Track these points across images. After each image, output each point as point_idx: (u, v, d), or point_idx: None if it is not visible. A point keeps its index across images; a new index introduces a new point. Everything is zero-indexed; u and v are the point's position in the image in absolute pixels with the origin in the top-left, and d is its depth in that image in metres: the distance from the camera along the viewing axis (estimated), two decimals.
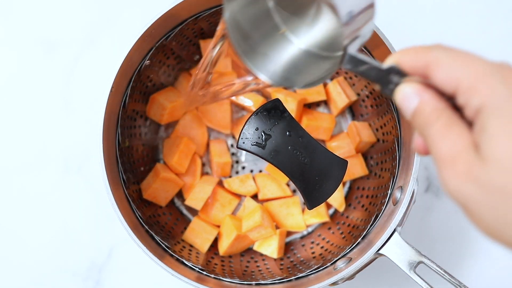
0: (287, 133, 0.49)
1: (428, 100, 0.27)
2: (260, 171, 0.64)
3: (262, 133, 0.49)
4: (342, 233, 0.60)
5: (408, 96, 0.28)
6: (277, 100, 0.50)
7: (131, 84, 0.55)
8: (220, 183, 0.64)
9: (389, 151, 0.58)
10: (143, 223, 0.54)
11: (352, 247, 0.54)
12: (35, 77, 0.65)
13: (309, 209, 0.50)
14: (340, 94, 0.62)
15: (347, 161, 0.50)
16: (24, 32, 0.64)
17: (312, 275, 0.54)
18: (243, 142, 0.49)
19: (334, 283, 0.50)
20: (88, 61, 0.66)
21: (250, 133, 0.49)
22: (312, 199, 0.50)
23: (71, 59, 0.65)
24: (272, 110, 0.50)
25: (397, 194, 0.52)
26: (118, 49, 0.62)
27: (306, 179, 0.49)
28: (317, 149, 0.49)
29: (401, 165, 0.53)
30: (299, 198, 0.63)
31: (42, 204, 0.63)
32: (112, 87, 0.51)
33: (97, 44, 0.66)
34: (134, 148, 0.60)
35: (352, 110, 0.65)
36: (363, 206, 0.61)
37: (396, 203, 0.52)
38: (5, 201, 0.63)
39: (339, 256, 0.55)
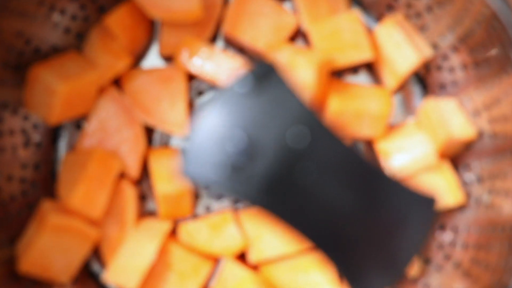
0: (300, 139, 0.30)
1: None
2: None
3: (242, 140, 0.29)
4: None
5: None
6: (269, 68, 0.30)
7: None
8: (174, 233, 0.43)
9: (508, 155, 0.40)
10: None
11: None
12: None
13: None
14: (401, 47, 0.43)
15: (434, 200, 0.32)
16: None
17: None
18: (194, 163, 0.28)
19: None
20: None
21: (210, 139, 0.28)
22: (364, 284, 0.30)
23: None
24: (262, 87, 0.30)
25: None
26: None
27: (349, 247, 0.30)
28: (369, 176, 0.30)
29: None
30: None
31: None
32: None
33: None
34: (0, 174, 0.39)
35: (423, 78, 0.45)
36: (458, 266, 0.40)
37: None
38: None
39: None
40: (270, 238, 0.41)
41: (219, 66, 0.42)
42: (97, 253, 0.42)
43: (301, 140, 0.29)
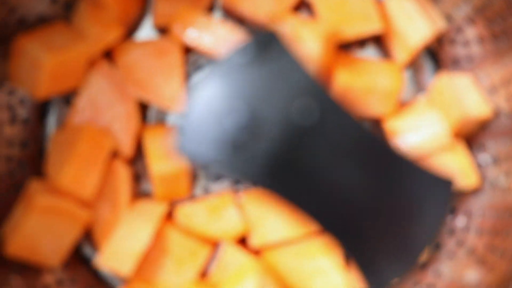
0: (308, 114, 0.27)
1: None
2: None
3: (243, 115, 0.26)
4: None
5: None
6: (271, 35, 0.28)
7: None
8: (171, 216, 0.40)
9: None
10: None
11: None
12: None
13: None
14: (413, 18, 0.39)
15: (450, 182, 0.29)
16: None
17: None
18: (191, 141, 0.26)
19: None
20: None
21: (209, 114, 0.26)
22: (375, 272, 0.28)
23: None
24: (264, 56, 0.27)
25: None
26: None
27: (361, 231, 0.28)
28: (382, 156, 0.28)
29: None
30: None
31: None
32: None
33: None
34: None
35: (435, 52, 0.41)
36: (472, 252, 0.38)
37: None
38: None
39: None
40: (273, 221, 0.39)
41: (217, 37, 0.39)
42: (89, 236, 0.39)
43: (308, 115, 0.27)
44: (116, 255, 0.37)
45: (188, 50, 0.40)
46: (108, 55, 0.40)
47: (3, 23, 0.37)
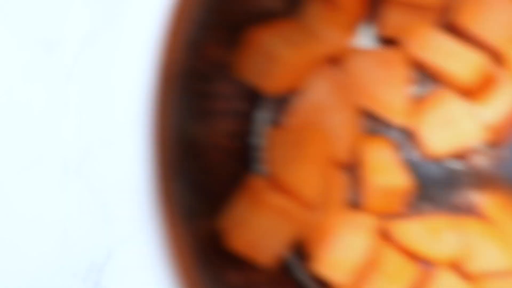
0: None
1: None
2: (471, 212, 0.38)
3: None
4: None
5: None
6: None
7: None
8: (381, 230, 0.38)
9: None
10: None
11: None
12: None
13: None
14: None
15: None
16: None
17: None
18: None
19: None
20: None
21: None
22: None
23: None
24: None
25: None
26: None
27: None
28: None
29: None
30: None
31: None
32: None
33: None
34: (206, 141, 0.35)
35: None
36: None
37: None
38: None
39: None
40: (490, 250, 0.37)
41: (447, 55, 0.38)
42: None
43: None
44: (332, 263, 0.35)
45: (413, 63, 0.39)
46: (330, 58, 0.39)
47: (231, 11, 0.36)
